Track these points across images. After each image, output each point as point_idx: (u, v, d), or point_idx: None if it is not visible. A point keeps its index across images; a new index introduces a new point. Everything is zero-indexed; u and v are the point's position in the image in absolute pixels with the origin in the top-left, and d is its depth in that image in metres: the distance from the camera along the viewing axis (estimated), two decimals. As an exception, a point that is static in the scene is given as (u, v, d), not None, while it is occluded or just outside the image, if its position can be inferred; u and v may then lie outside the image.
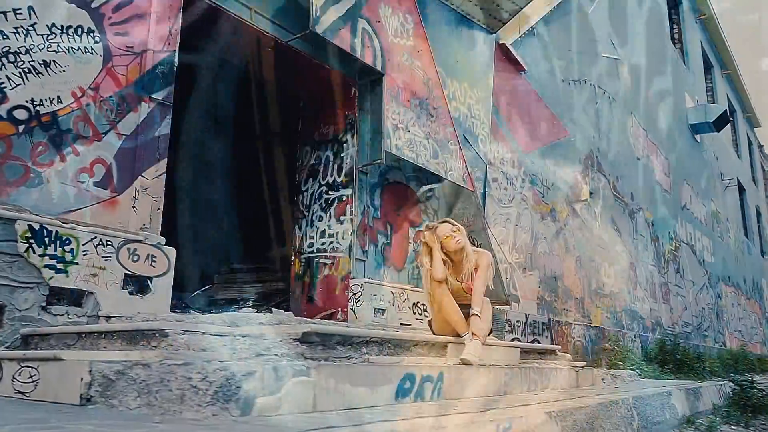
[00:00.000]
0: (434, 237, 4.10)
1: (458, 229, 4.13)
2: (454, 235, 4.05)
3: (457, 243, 4.03)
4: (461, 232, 4.13)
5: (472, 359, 3.21)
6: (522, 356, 4.56)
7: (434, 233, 4.11)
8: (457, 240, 4.03)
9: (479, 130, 7.91)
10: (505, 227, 8.64)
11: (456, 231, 4.10)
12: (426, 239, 4.15)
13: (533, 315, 8.95)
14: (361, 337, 3.05)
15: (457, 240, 4.03)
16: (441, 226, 4.12)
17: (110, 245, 3.86)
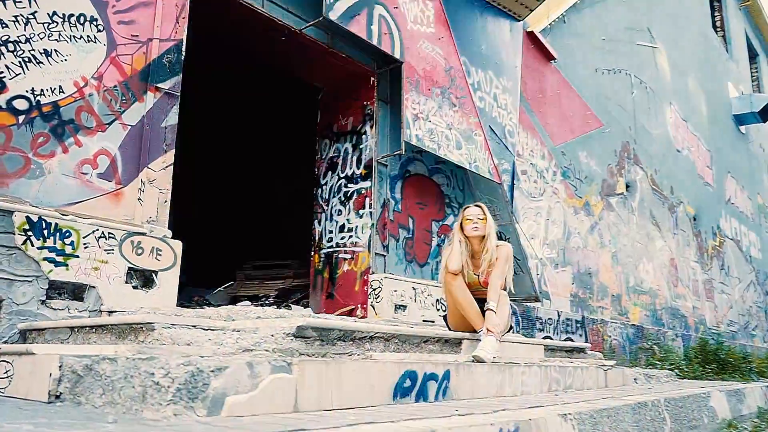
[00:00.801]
0: (459, 225, 3.90)
1: (484, 218, 3.88)
2: (473, 220, 3.81)
3: (474, 230, 3.79)
4: (486, 222, 3.87)
5: (485, 356, 2.98)
6: (547, 354, 4.30)
7: (462, 215, 3.90)
8: (474, 227, 3.79)
9: (506, 121, 7.62)
10: (536, 221, 8.33)
11: (481, 220, 3.86)
12: (454, 225, 3.97)
13: (566, 312, 8.61)
14: (364, 332, 2.85)
15: (474, 227, 3.79)
16: (469, 209, 3.90)
17: (113, 238, 3.75)
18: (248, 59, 6.43)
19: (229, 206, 9.12)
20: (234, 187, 9.19)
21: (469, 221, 3.82)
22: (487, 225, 3.83)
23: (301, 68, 6.12)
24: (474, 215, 3.85)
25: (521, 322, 7.49)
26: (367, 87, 6.13)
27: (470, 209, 3.92)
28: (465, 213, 3.90)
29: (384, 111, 6.15)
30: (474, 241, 3.84)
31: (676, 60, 13.61)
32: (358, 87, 6.19)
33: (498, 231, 7.30)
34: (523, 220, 8.00)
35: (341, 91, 6.33)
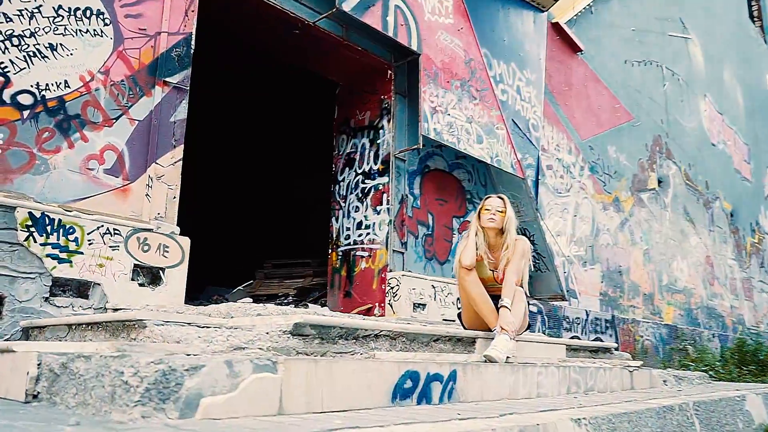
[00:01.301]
0: (477, 215, 3.73)
1: (503, 212, 3.68)
2: (491, 211, 3.62)
3: (489, 221, 3.61)
4: (505, 215, 3.67)
5: (497, 356, 2.81)
6: (570, 354, 4.10)
7: (481, 204, 3.73)
8: (490, 218, 3.61)
9: (530, 114, 7.40)
10: (562, 218, 8.08)
11: (500, 212, 3.66)
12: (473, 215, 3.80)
13: (595, 311, 8.34)
14: (368, 330, 2.70)
15: (490, 218, 3.61)
16: (490, 199, 3.72)
17: (118, 234, 3.68)
18: (262, 54, 6.34)
19: (249, 205, 9.07)
20: (254, 186, 9.14)
21: (487, 211, 3.64)
22: (506, 219, 3.64)
23: (316, 62, 6.01)
24: (493, 206, 3.67)
25: (547, 322, 7.26)
26: (384, 80, 5.99)
27: (491, 200, 3.73)
28: (485, 203, 3.72)
29: (401, 105, 6.00)
30: (490, 233, 3.66)
31: (711, 51, 13.14)
32: (374, 80, 6.06)
33: (522, 227, 7.13)
34: (548, 217, 7.77)
35: (358, 85, 6.20)
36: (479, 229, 3.64)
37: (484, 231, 3.65)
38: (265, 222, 8.91)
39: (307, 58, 5.92)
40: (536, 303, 7.15)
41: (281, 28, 5.29)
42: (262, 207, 9.01)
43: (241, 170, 9.17)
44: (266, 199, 8.98)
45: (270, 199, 8.96)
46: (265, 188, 9.10)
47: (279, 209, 8.58)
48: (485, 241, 3.65)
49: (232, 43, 6.21)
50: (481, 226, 3.64)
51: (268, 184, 9.08)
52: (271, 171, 9.04)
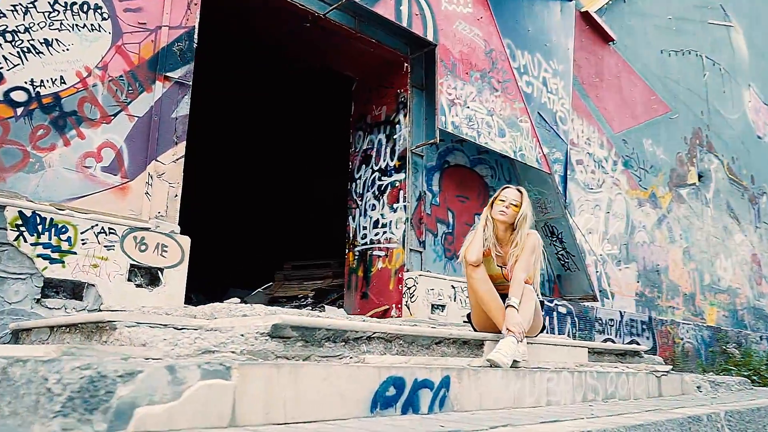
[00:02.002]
0: (490, 204, 3.48)
1: (518, 205, 3.41)
2: (505, 203, 3.37)
3: (501, 213, 3.36)
4: (519, 210, 3.40)
5: (501, 360, 2.56)
6: (592, 358, 3.81)
7: (497, 194, 3.48)
8: (502, 210, 3.36)
9: (557, 107, 7.08)
10: (594, 214, 7.72)
11: (514, 206, 3.40)
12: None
13: (630, 312, 7.95)
14: (359, 332, 2.50)
15: (502, 210, 3.36)
16: (507, 189, 3.47)
17: (113, 233, 3.56)
18: (275, 50, 6.19)
19: (271, 206, 8.97)
20: (275, 186, 9.04)
21: (501, 203, 3.39)
22: (520, 214, 3.37)
23: (329, 57, 5.85)
24: (509, 198, 3.40)
25: (577, 324, 6.93)
26: (401, 73, 5.78)
27: (508, 190, 3.47)
28: (501, 192, 3.46)
29: (419, 98, 5.78)
30: (500, 226, 3.41)
31: (755, 39, 12.51)
32: (391, 74, 5.85)
33: (550, 225, 6.83)
34: (579, 214, 7.43)
35: (373, 79, 6.01)
36: (489, 219, 3.39)
37: (494, 222, 3.41)
38: (287, 223, 8.80)
39: (321, 53, 5.76)
40: (565, 304, 6.82)
41: (292, 21, 5.14)
42: (284, 208, 8.91)
43: (262, 171, 9.08)
44: (287, 199, 8.87)
45: (291, 199, 8.85)
46: (286, 189, 8.98)
47: (300, 209, 8.45)
48: (494, 234, 3.40)
49: (247, 40, 6.08)
50: (492, 216, 3.40)
51: (289, 184, 8.97)
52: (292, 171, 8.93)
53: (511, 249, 3.36)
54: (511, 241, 3.38)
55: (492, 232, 3.38)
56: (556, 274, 6.96)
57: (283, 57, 6.54)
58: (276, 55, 6.59)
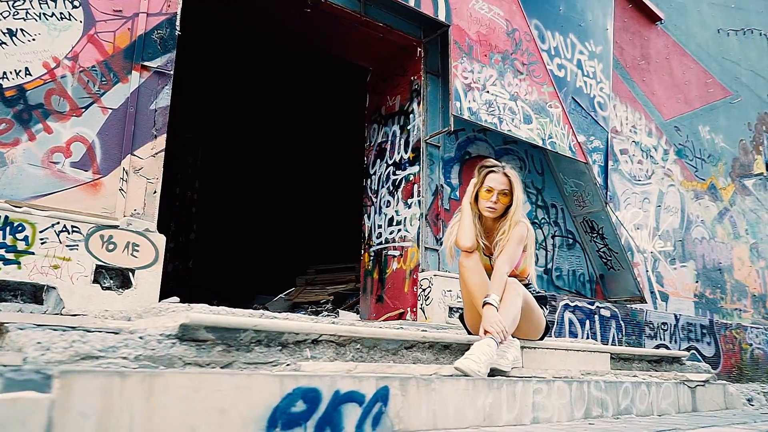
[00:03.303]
0: (474, 194, 3.00)
1: (507, 193, 2.94)
2: (493, 193, 2.90)
3: (490, 210, 2.90)
4: (510, 200, 2.93)
5: (470, 367, 2.10)
6: (617, 365, 3.27)
7: (480, 178, 2.99)
8: (490, 207, 2.90)
9: (595, 92, 6.49)
10: (642, 208, 7.05)
11: (503, 195, 2.93)
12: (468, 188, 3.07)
13: (688, 316, 7.20)
14: (301, 334, 2.11)
15: (490, 207, 2.90)
16: (493, 174, 2.97)
17: (77, 232, 3.31)
18: (281, 40, 5.88)
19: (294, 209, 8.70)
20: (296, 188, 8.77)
21: (487, 194, 2.92)
22: (513, 205, 2.90)
23: (337, 46, 5.50)
24: (496, 187, 2.93)
25: (624, 328, 6.28)
26: (414, 59, 5.37)
27: (493, 176, 2.97)
28: (486, 178, 2.97)
29: (434, 85, 5.35)
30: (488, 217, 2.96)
31: (829, 14, 11.37)
32: (404, 61, 5.46)
33: (589, 219, 6.23)
34: (624, 208, 6.79)
35: (387, 67, 5.64)
36: (474, 208, 2.93)
37: (481, 215, 2.95)
38: (311, 225, 8.51)
39: (327, 41, 5.42)
40: (609, 306, 6.20)
41: (291, 6, 4.83)
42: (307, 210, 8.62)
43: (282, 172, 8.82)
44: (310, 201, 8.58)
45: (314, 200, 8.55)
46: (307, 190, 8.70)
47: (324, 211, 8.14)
48: (481, 225, 2.95)
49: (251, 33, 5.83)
50: (479, 211, 2.94)
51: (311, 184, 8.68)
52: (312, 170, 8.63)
53: (498, 237, 2.90)
54: (499, 230, 2.91)
55: (478, 223, 2.93)
56: (599, 274, 6.34)
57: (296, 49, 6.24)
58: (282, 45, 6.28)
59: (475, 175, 3.03)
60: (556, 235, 6.10)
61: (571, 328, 5.74)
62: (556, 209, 6.17)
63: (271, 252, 8.23)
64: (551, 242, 6.03)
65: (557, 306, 5.70)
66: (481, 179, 2.97)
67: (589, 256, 6.32)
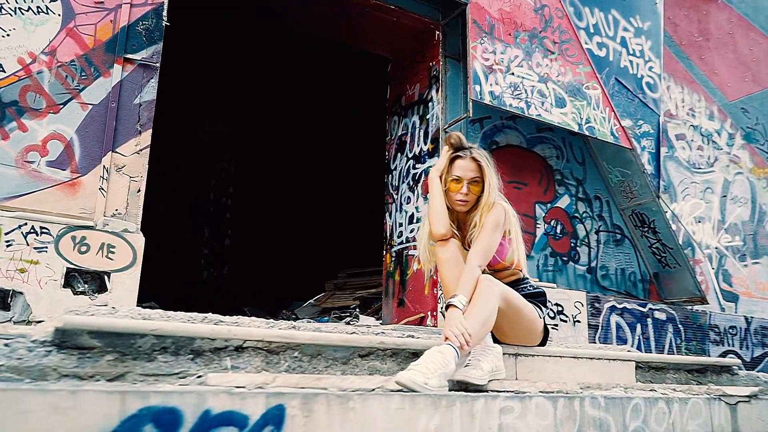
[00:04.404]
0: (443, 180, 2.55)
1: (478, 180, 2.50)
2: (462, 184, 2.46)
3: (461, 204, 2.49)
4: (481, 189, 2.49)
5: (413, 380, 1.68)
6: (646, 376, 2.76)
7: (445, 163, 2.55)
8: (462, 200, 2.48)
9: (643, 71, 5.88)
10: (704, 199, 6.34)
11: (474, 183, 2.49)
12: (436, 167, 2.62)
13: (762, 318, 6.41)
14: (219, 340, 1.78)
15: (462, 200, 2.48)
16: (458, 161, 2.53)
17: (46, 233, 3.12)
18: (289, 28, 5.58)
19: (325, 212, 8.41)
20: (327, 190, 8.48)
21: (455, 184, 2.48)
22: (486, 193, 2.46)
23: (350, 34, 5.18)
24: (465, 176, 2.48)
25: (683, 333, 5.61)
26: (432, 44, 4.98)
27: (461, 162, 2.52)
28: (452, 166, 2.53)
29: (454, 70, 4.94)
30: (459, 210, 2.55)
31: None
32: (422, 46, 5.08)
33: (638, 212, 5.62)
34: (682, 199, 6.11)
35: (405, 54, 5.28)
36: (444, 197, 2.52)
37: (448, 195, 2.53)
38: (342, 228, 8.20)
39: (339, 29, 5.12)
40: (664, 308, 5.56)
41: None
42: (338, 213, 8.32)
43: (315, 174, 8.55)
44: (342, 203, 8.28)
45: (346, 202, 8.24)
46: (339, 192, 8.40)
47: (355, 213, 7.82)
48: (452, 214, 2.53)
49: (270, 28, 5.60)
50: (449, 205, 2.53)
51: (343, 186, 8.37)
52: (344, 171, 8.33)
53: (471, 231, 2.48)
54: (471, 222, 2.49)
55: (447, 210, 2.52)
56: (653, 272, 5.71)
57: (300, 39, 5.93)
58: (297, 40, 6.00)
59: (442, 148, 2.61)
60: (600, 230, 5.53)
61: (619, 333, 5.16)
62: (600, 202, 5.60)
63: (305, 256, 7.99)
64: (595, 238, 5.47)
65: (601, 309, 5.13)
66: (445, 166, 2.52)
67: (641, 253, 5.70)
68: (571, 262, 5.25)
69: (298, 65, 7.00)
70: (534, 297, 2.48)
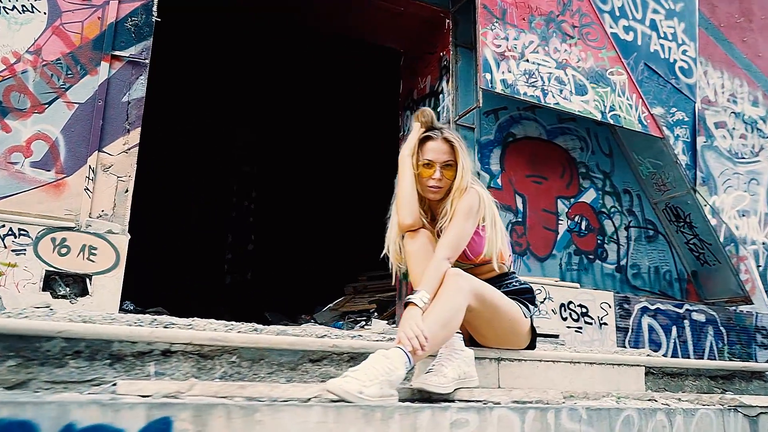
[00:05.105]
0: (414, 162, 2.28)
1: (452, 163, 2.24)
2: (432, 168, 2.21)
3: (434, 191, 2.23)
4: (455, 173, 2.24)
5: (344, 388, 1.43)
6: (662, 383, 2.45)
7: (414, 143, 2.30)
8: (433, 187, 2.22)
9: (676, 55, 5.48)
10: (748, 191, 5.87)
11: (446, 167, 2.24)
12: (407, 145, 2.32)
13: (816, 320, 5.88)
14: (140, 343, 1.59)
15: (433, 187, 2.22)
16: (429, 142, 2.27)
17: (25, 235, 3.03)
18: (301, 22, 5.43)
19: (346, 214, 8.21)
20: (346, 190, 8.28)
21: (429, 169, 2.21)
22: (457, 176, 2.21)
23: (354, 24, 4.99)
24: (438, 158, 2.22)
25: (725, 335, 5.17)
26: (443, 33, 4.75)
27: (432, 144, 2.25)
28: (423, 148, 2.26)
29: (466, 59, 4.69)
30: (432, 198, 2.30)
31: None
32: (432, 36, 4.85)
33: (673, 206, 5.22)
34: (724, 191, 5.68)
35: (415, 46, 5.06)
36: (416, 181, 2.26)
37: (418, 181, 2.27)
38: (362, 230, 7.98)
39: (346, 22, 4.94)
40: (704, 309, 5.14)
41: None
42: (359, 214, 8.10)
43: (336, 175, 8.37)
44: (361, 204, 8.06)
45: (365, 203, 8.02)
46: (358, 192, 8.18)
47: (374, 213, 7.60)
48: (419, 195, 2.28)
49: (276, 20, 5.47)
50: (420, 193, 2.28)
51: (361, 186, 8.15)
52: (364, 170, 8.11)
53: (441, 220, 2.23)
54: (442, 210, 2.24)
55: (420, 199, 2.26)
56: (690, 270, 5.29)
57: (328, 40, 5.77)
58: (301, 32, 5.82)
59: (413, 125, 2.34)
60: (631, 226, 5.16)
61: (652, 336, 4.78)
62: (630, 195, 5.24)
63: (328, 260, 7.82)
64: (624, 234, 5.10)
65: (632, 310, 4.76)
66: (414, 146, 2.26)
67: (677, 250, 5.29)
68: (598, 261, 4.91)
69: (313, 64, 6.86)
70: (519, 294, 2.21)
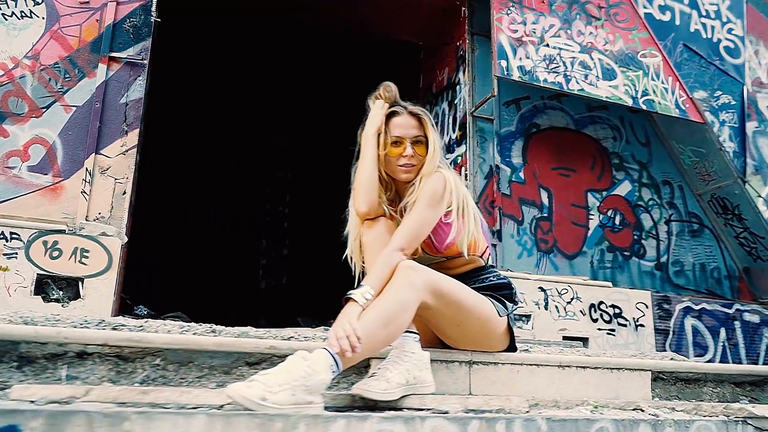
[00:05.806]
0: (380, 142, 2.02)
1: (422, 139, 2.01)
2: (402, 145, 1.97)
3: (405, 170, 1.99)
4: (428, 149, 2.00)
5: (244, 395, 1.26)
6: (674, 390, 2.16)
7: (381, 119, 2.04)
8: (405, 166, 1.99)
9: (720, 35, 5.07)
10: (809, 180, 5.35)
11: (417, 144, 2.00)
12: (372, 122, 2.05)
13: None
14: (47, 344, 1.48)
15: (405, 166, 1.99)
16: (396, 118, 2.01)
17: (17, 239, 3.01)
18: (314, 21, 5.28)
19: None
20: None
21: (398, 147, 1.98)
22: (428, 155, 1.97)
23: (373, 20, 4.84)
24: (408, 133, 1.98)
25: (782, 338, 4.70)
26: (459, 22, 4.53)
27: (398, 120, 2.00)
28: (389, 125, 2.01)
29: (483, 48, 4.45)
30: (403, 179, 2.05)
31: None
32: (449, 26, 4.65)
33: (719, 197, 4.81)
34: (780, 180, 5.18)
35: (432, 38, 4.87)
36: (378, 164, 2.02)
37: (386, 162, 2.04)
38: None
39: (361, 16, 4.80)
40: (758, 309, 4.68)
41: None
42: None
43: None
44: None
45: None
46: None
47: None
48: (386, 180, 2.06)
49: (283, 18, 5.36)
50: (389, 175, 2.04)
51: None
52: None
53: (407, 197, 1.99)
54: (408, 193, 2.00)
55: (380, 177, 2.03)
56: (741, 267, 4.85)
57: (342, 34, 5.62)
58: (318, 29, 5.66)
59: (374, 103, 2.10)
60: (672, 220, 4.77)
61: (696, 339, 4.38)
62: (670, 187, 4.85)
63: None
64: (665, 229, 4.72)
65: (672, 310, 4.38)
66: (379, 122, 2.01)
67: (725, 245, 4.86)
68: (635, 257, 4.55)
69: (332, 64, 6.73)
70: (495, 290, 1.97)
